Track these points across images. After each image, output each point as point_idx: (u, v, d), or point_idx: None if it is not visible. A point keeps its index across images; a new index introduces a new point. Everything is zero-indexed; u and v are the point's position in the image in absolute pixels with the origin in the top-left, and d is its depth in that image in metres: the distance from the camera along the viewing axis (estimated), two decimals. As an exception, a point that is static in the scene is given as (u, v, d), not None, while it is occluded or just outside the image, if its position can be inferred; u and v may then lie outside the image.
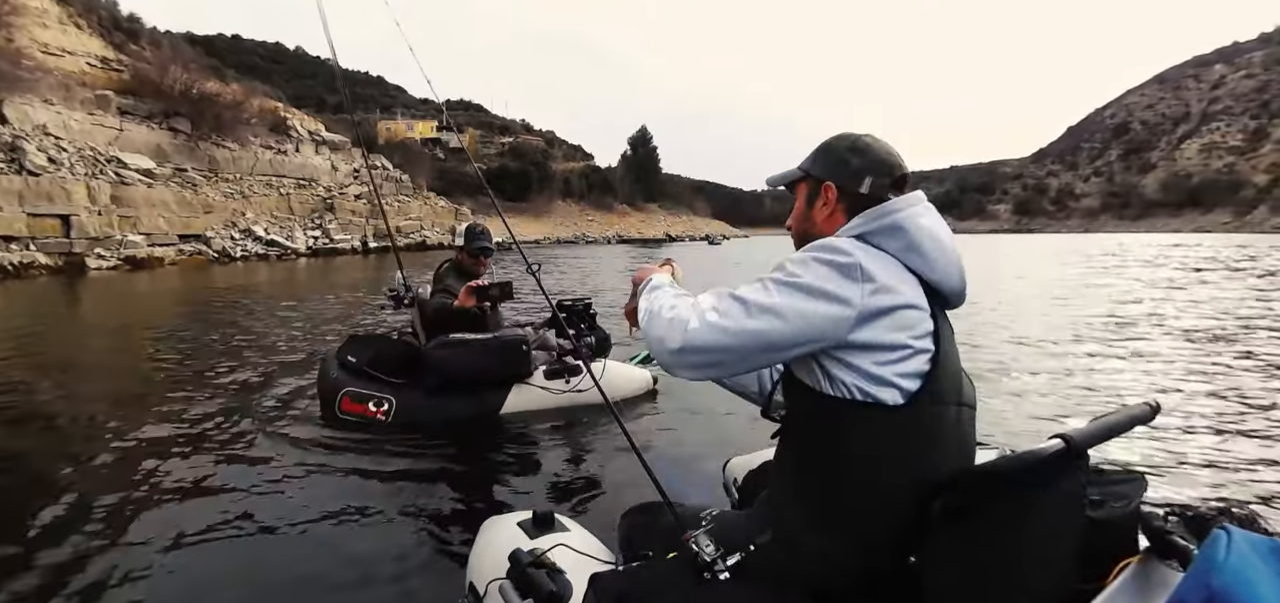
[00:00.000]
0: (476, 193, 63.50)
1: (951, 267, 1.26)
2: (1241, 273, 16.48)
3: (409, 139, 68.98)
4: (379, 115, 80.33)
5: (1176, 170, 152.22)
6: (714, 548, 1.24)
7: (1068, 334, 7.66)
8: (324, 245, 31.76)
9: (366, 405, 4.03)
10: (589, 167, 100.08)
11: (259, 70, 63.35)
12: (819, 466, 1.21)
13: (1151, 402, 1.22)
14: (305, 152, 38.32)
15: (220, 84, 34.43)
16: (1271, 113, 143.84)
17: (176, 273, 20.15)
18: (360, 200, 38.59)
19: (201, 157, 29.84)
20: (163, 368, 5.92)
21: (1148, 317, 9.00)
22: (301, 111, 44.10)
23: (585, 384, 4.33)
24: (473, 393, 4.18)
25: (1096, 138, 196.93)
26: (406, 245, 38.37)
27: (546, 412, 4.28)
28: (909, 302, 1.17)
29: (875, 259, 1.18)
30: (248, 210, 30.06)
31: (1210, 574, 0.83)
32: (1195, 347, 6.91)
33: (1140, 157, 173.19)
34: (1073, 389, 5.21)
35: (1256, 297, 11.14)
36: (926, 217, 1.27)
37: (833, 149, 1.39)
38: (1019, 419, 4.44)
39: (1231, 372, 5.71)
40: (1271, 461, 3.63)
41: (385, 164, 46.31)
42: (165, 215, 24.77)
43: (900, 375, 1.14)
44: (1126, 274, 17.00)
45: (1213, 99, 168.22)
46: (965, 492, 1.07)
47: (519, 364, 4.26)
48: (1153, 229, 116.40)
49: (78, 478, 3.27)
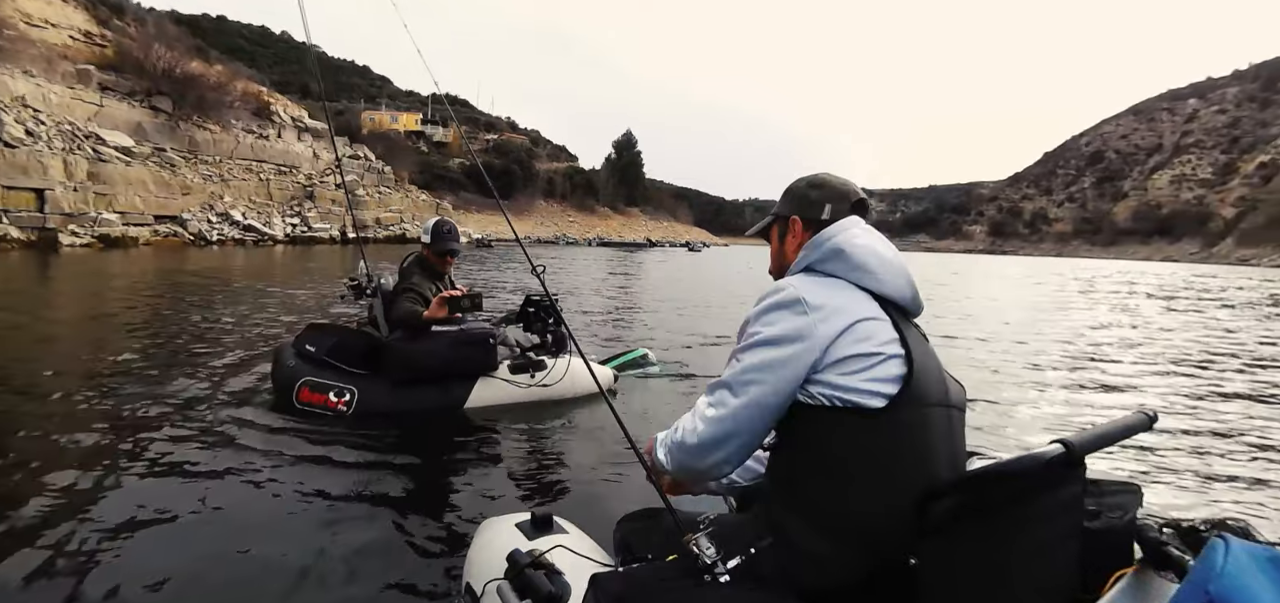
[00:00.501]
0: (458, 188, 63.43)
1: (898, 278, 1.32)
2: (1210, 303, 16.90)
3: (392, 131, 68.49)
4: (363, 105, 79.81)
5: (1147, 200, 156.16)
6: (714, 551, 1.25)
7: (1056, 355, 7.85)
8: (302, 233, 31.61)
9: (327, 396, 3.89)
10: (573, 167, 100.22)
11: (243, 53, 62.67)
12: (810, 473, 1.25)
13: (1149, 411, 1.22)
14: (287, 138, 37.99)
15: (204, 65, 34.03)
16: (1242, 148, 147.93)
17: (151, 254, 19.96)
18: (341, 190, 38.43)
19: (181, 137, 29.51)
20: (126, 351, 5.67)
21: (1120, 342, 9.26)
22: (285, 97, 43.80)
23: (550, 379, 4.38)
24: (437, 386, 4.09)
25: (1071, 164, 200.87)
26: (386, 237, 38.17)
27: (512, 406, 4.24)
28: (862, 316, 1.25)
29: (821, 286, 1.29)
30: (226, 194, 29.84)
31: (1208, 583, 0.84)
32: (1183, 372, 7.09)
33: (1113, 184, 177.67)
34: (1054, 408, 5.34)
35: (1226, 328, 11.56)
36: (863, 236, 1.35)
37: (794, 189, 1.54)
38: (1014, 428, 4.58)
39: (1210, 397, 5.90)
40: (1260, 479, 3.71)
41: (367, 155, 46.02)
42: (142, 195, 24.54)
43: (875, 381, 1.20)
44: (1115, 301, 17.33)
45: (1186, 132, 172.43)
46: (964, 495, 1.08)
47: (485, 358, 4.21)
48: (1122, 256, 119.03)
49: (21, 467, 3.06)
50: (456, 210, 54.19)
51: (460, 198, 60.10)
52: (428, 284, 4.27)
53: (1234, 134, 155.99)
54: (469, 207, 59.98)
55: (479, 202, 62.83)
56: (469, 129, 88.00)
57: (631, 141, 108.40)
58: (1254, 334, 10.62)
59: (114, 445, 3.38)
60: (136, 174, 24.70)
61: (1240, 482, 3.68)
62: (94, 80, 26.60)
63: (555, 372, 4.42)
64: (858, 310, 1.25)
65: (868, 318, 1.25)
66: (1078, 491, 1.12)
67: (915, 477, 1.18)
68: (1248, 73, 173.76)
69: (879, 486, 1.19)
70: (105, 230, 21.28)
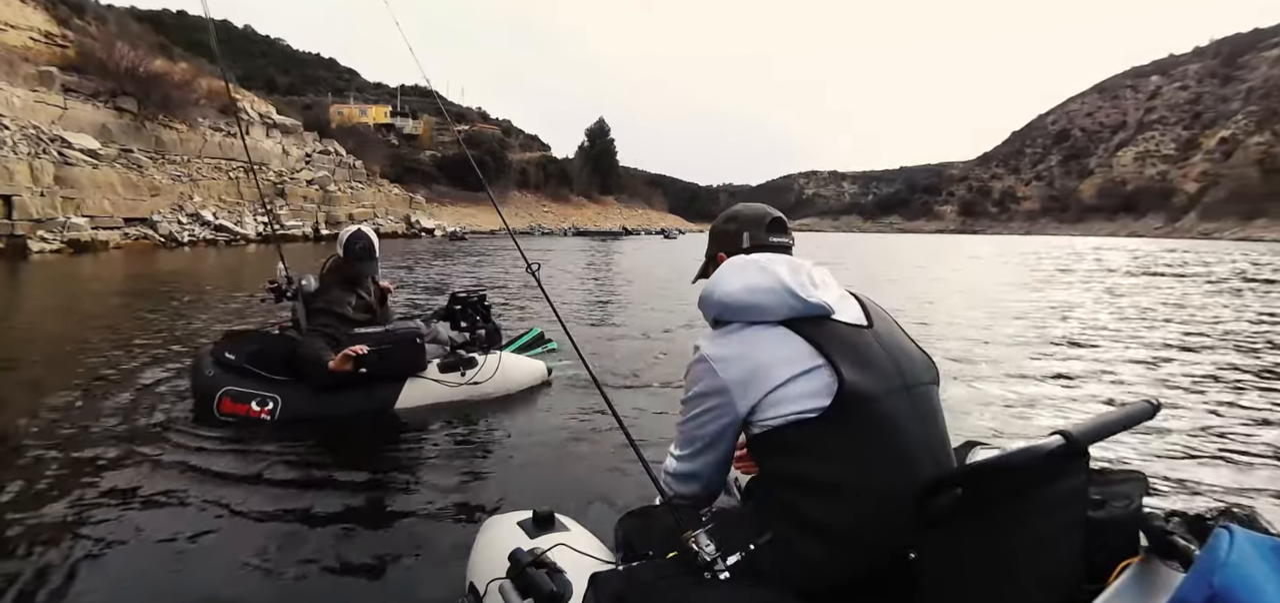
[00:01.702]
0: (431, 180, 62.88)
1: (781, 299, 1.36)
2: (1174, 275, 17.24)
3: (362, 124, 67.80)
4: (331, 98, 78.89)
5: (1113, 177, 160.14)
6: (714, 548, 1.26)
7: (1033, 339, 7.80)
8: (275, 231, 31.31)
9: (249, 405, 3.77)
10: (546, 157, 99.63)
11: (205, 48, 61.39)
12: (786, 487, 1.31)
13: (1152, 400, 1.22)
14: (256, 134, 37.58)
15: (168, 63, 33.49)
16: (1203, 124, 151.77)
17: (121, 257, 19.72)
18: (312, 185, 38.14)
19: (148, 137, 29.05)
20: (96, 358, 5.48)
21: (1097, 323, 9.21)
22: (252, 93, 43.30)
23: (481, 376, 4.29)
24: (364, 389, 3.96)
25: (1038, 143, 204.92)
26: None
27: (442, 406, 4.15)
28: (767, 353, 1.33)
29: (724, 341, 1.40)
30: (196, 194, 29.46)
31: (1213, 573, 0.84)
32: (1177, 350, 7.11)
33: (1079, 162, 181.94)
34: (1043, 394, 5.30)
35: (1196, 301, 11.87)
36: (734, 279, 1.41)
37: (715, 227, 1.70)
38: (1006, 417, 4.57)
39: (1210, 381, 5.81)
40: (1268, 465, 3.69)
41: (338, 150, 45.65)
42: (110, 197, 24.23)
43: (807, 394, 1.27)
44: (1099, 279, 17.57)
45: (1149, 109, 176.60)
46: (964, 488, 1.07)
47: (413, 358, 4.12)
48: (1089, 233, 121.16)
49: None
50: (430, 203, 53.93)
51: (433, 191, 59.66)
52: (347, 297, 4.19)
53: (1196, 110, 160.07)
54: (442, 199, 59.64)
55: (452, 194, 62.45)
56: (440, 120, 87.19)
57: (604, 129, 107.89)
58: (1246, 314, 10.51)
59: (28, 469, 3.14)
60: (104, 176, 24.38)
61: (1246, 468, 3.66)
62: (57, 82, 26.08)
63: (486, 369, 4.35)
64: (758, 352, 1.34)
65: (774, 351, 1.32)
66: (1080, 481, 1.12)
67: (890, 469, 1.25)
68: (1208, 49, 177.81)
69: (853, 486, 1.24)
70: (74, 235, 20.96)
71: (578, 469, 3.38)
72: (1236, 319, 9.83)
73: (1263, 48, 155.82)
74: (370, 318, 4.33)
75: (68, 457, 3.28)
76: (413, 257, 22.11)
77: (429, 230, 45.11)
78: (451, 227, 47.31)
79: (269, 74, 78.83)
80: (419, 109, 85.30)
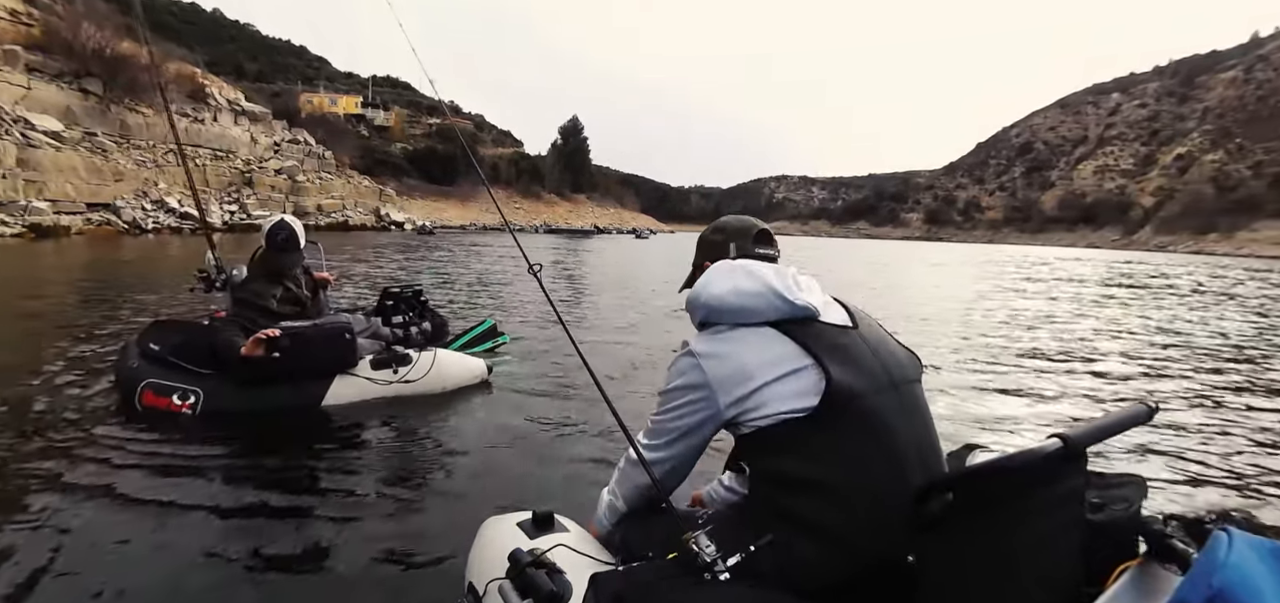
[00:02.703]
0: (401, 173, 62.32)
1: (768, 301, 1.40)
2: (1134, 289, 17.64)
3: (332, 114, 66.89)
4: (301, 87, 77.75)
5: (1073, 189, 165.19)
6: (714, 549, 1.26)
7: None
8: (241, 221, 30.89)
9: (171, 399, 3.64)
10: (518, 153, 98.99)
11: (171, 30, 60.09)
12: (776, 488, 1.33)
13: (1150, 402, 1.21)
14: (223, 121, 37.18)
15: (135, 45, 32.86)
16: (1160, 140, 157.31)
17: (84, 243, 19.36)
18: (280, 175, 37.76)
19: (113, 121, 28.67)
20: (30, 347, 5.31)
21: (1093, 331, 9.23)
22: (220, 79, 42.68)
23: (414, 374, 4.18)
24: (291, 384, 3.83)
25: (1003, 155, 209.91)
26: (328, 225, 37.66)
27: (373, 404, 4.01)
28: (756, 353, 1.35)
29: (713, 340, 1.43)
30: (161, 180, 29.10)
31: (1212, 575, 0.84)
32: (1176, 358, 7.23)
33: (1041, 174, 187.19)
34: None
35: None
36: (722, 282, 1.45)
37: (703, 237, 1.73)
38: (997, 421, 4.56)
39: (1204, 386, 5.89)
40: (1266, 468, 3.72)
41: (308, 139, 45.14)
42: (73, 182, 23.85)
43: (795, 393, 1.29)
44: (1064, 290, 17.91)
45: (1109, 125, 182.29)
46: (961, 491, 1.06)
47: (341, 353, 3.98)
48: (1049, 243, 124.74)
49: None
50: (400, 196, 53.51)
51: (403, 184, 59.18)
52: (271, 289, 4.06)
53: (1154, 127, 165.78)
54: (412, 192, 59.20)
55: (423, 187, 62.03)
56: (411, 113, 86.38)
57: (578, 127, 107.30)
58: (1233, 323, 10.71)
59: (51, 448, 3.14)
60: (67, 160, 23.97)
61: (1244, 470, 3.68)
62: (21, 61, 25.59)
63: (420, 366, 4.23)
64: (745, 354, 1.37)
65: (762, 352, 1.36)
66: (1078, 484, 1.12)
67: (881, 465, 1.28)
68: (1167, 68, 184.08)
69: (844, 483, 1.26)
70: (36, 219, 20.62)
71: (577, 470, 3.31)
72: (1221, 326, 10.14)
73: (1219, 69, 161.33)
74: (299, 311, 4.18)
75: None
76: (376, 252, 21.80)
77: (399, 224, 44.82)
78: (421, 220, 46.98)
79: (238, 59, 77.28)
80: (390, 100, 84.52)
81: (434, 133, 78.76)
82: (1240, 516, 1.28)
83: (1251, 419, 4.81)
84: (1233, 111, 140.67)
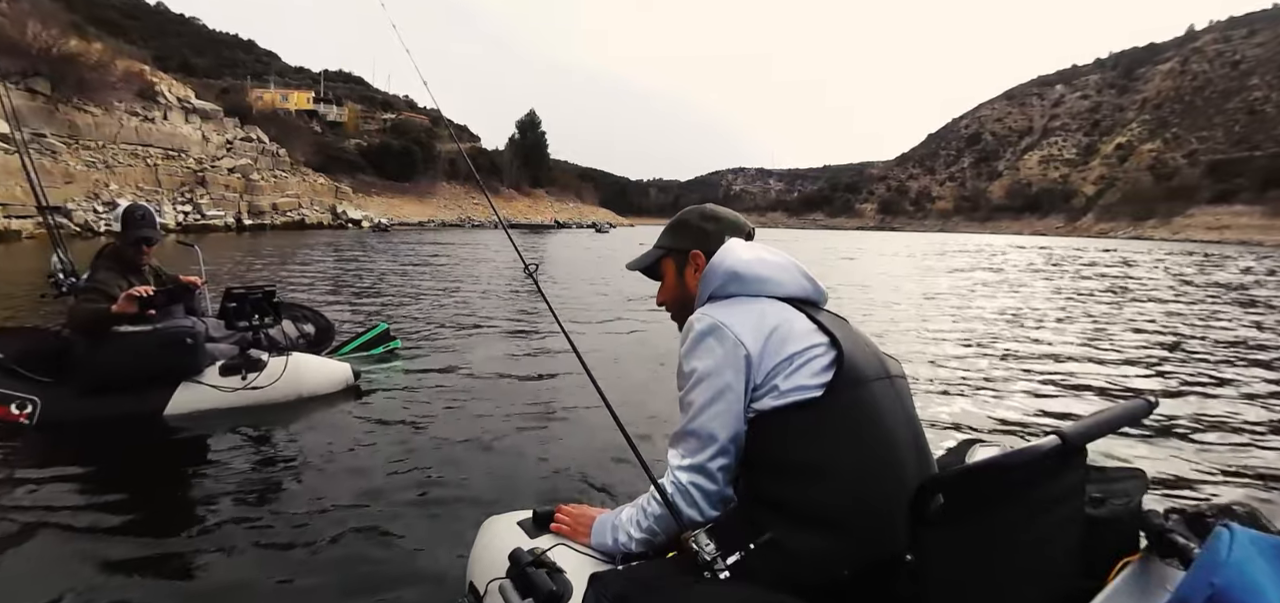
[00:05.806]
0: (356, 169, 61.39)
1: (793, 277, 1.42)
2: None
3: (283, 110, 65.59)
4: (251, 82, 76.13)
5: (1019, 178, 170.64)
6: (713, 547, 1.24)
7: None
8: (195, 221, 30.57)
9: (7, 407, 3.54)
10: (476, 149, 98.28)
11: (114, 25, 58.20)
12: (774, 479, 1.29)
13: (1149, 398, 1.20)
14: (174, 119, 36.38)
15: (83, 42, 32.00)
16: (1102, 131, 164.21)
17: (34, 248, 19.19)
18: (234, 174, 37.21)
19: (61, 122, 28.01)
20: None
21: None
22: (169, 76, 41.76)
23: (264, 381, 3.99)
24: (131, 392, 3.72)
25: (952, 145, 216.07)
26: (284, 224, 37.24)
27: (221, 412, 3.84)
28: (778, 322, 1.33)
29: (731, 308, 1.37)
30: (112, 181, 28.64)
31: (1213, 572, 0.83)
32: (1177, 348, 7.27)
33: (989, 164, 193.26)
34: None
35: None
36: (747, 251, 1.44)
37: (690, 223, 1.61)
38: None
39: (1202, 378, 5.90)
40: (1266, 457, 3.76)
41: (260, 137, 44.40)
42: (22, 185, 23.28)
43: (810, 375, 1.28)
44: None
45: (1053, 116, 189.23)
46: (960, 488, 1.04)
47: (183, 359, 3.81)
48: (997, 231, 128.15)
49: None
50: (356, 194, 52.90)
51: (359, 180, 58.40)
52: (116, 280, 3.84)
53: (1095, 118, 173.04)
54: (369, 189, 58.52)
55: (379, 184, 61.30)
56: (365, 108, 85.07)
57: (535, 121, 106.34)
58: (1227, 315, 10.69)
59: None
60: (15, 163, 23.42)
61: (1246, 465, 3.70)
62: (-36, 62, 24.91)
63: (271, 371, 4.03)
64: (772, 319, 1.34)
65: (783, 322, 1.34)
66: (1077, 479, 1.12)
67: (882, 451, 1.27)
68: (1108, 61, 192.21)
69: (843, 473, 1.24)
70: (-14, 223, 20.22)
71: (577, 470, 3.32)
72: (1199, 314, 10.32)
73: (1157, 62, 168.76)
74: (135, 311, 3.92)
75: None
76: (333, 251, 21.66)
77: (356, 221, 44.44)
78: (378, 217, 46.57)
79: (184, 55, 75.13)
80: (343, 95, 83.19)
81: (389, 129, 77.76)
82: (1243, 510, 1.14)
83: (1252, 413, 4.82)
84: (1170, 102, 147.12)
